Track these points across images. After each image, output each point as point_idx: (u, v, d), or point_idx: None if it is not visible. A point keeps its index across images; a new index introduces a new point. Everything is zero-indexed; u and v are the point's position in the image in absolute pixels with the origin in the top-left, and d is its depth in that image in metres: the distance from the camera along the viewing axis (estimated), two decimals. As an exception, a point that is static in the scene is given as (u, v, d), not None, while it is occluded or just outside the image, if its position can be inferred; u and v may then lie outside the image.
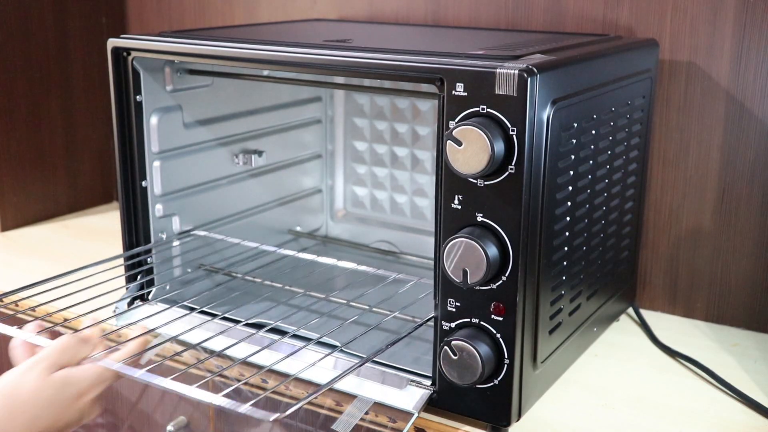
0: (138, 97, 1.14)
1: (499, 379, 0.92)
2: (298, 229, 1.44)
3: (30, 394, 0.79)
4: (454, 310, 0.93)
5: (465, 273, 0.89)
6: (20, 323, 1.30)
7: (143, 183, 1.17)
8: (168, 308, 1.18)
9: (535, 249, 0.90)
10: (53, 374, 0.82)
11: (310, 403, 1.05)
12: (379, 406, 0.98)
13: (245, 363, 1.10)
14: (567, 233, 0.98)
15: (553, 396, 1.04)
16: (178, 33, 1.18)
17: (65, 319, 1.25)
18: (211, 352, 1.12)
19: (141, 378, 0.87)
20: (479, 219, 0.89)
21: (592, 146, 1.01)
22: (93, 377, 0.86)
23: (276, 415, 0.78)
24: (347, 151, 1.51)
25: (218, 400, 0.84)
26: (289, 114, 1.42)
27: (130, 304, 1.19)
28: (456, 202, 0.90)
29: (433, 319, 0.96)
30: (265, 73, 1.27)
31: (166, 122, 1.19)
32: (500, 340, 0.91)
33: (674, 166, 1.25)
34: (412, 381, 0.98)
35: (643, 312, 1.28)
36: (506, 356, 0.91)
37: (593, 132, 1.00)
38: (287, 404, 1.07)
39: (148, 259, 1.20)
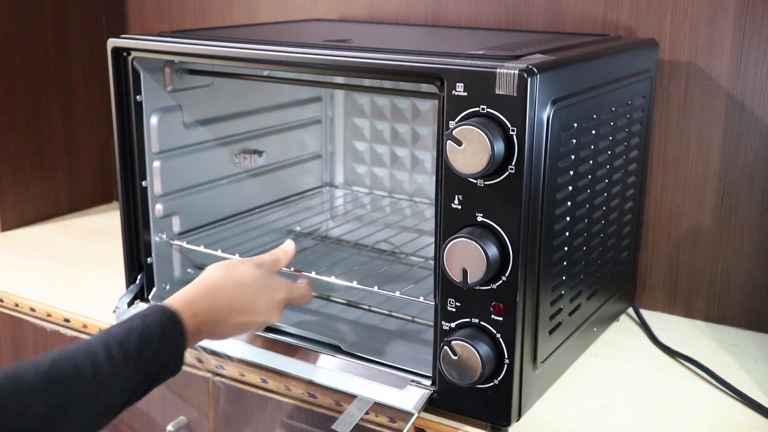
0: (138, 97, 1.14)
1: (499, 379, 0.92)
2: (298, 229, 1.44)
3: (242, 275, 0.99)
4: (454, 310, 0.93)
5: (465, 273, 0.89)
6: (21, 323, 1.31)
7: (143, 183, 1.17)
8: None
9: (535, 249, 0.90)
10: (259, 268, 1.02)
11: (309, 403, 1.05)
12: (379, 406, 0.98)
13: (245, 363, 1.10)
14: (567, 233, 0.98)
15: (553, 396, 1.04)
16: (178, 33, 1.18)
17: (66, 319, 1.25)
18: (212, 352, 1.12)
19: (332, 281, 1.12)
20: (479, 219, 0.89)
21: (592, 146, 1.01)
22: (286, 281, 1.05)
23: None
24: (347, 151, 1.51)
25: None
26: (289, 114, 1.42)
27: (130, 303, 1.19)
28: (456, 202, 0.90)
29: (433, 319, 0.96)
30: (265, 73, 1.27)
31: (166, 122, 1.19)
32: (500, 340, 0.91)
33: (674, 166, 1.25)
34: (412, 381, 0.98)
35: (643, 312, 1.28)
36: (506, 356, 0.91)
37: (593, 132, 1.00)
38: (288, 404, 1.07)
39: (148, 259, 1.20)
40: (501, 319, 0.90)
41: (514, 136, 0.85)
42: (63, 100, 1.66)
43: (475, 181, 0.88)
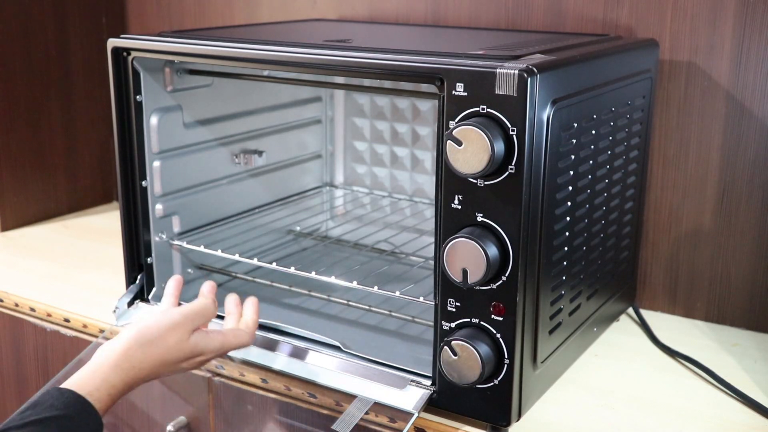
0: (138, 97, 1.14)
1: (499, 379, 0.92)
2: (298, 229, 1.44)
3: (167, 350, 0.90)
4: (454, 310, 0.93)
5: (465, 273, 0.89)
6: (21, 323, 1.31)
7: (143, 183, 1.17)
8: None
9: (535, 249, 0.90)
10: (190, 339, 0.93)
11: (309, 403, 1.05)
12: (379, 406, 0.98)
13: (245, 363, 1.10)
14: (567, 233, 0.98)
15: (553, 396, 1.04)
16: (178, 33, 1.18)
17: (66, 319, 1.25)
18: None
19: (332, 281, 1.11)
20: (479, 219, 0.89)
21: (592, 146, 1.01)
22: (217, 351, 0.95)
23: None
24: (347, 151, 1.51)
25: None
26: (289, 114, 1.42)
27: (130, 303, 1.19)
28: (456, 202, 0.90)
29: (433, 319, 0.96)
30: (265, 73, 1.27)
31: (166, 122, 1.19)
32: (500, 340, 0.91)
33: (674, 166, 1.25)
34: (412, 381, 0.98)
35: (643, 312, 1.28)
36: (506, 356, 0.91)
37: (593, 132, 1.00)
38: (288, 404, 1.07)
39: (148, 259, 1.20)
40: (501, 319, 0.90)
41: (514, 136, 0.85)
42: (63, 101, 1.66)
43: (475, 181, 0.88)
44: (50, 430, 0.78)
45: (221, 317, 1.05)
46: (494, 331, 0.91)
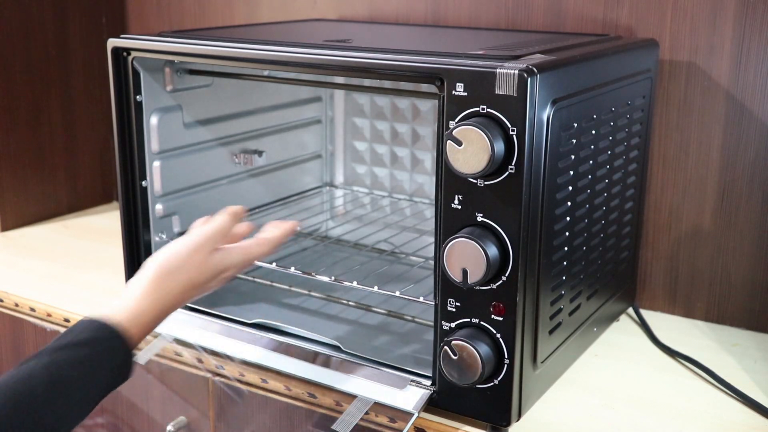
0: (138, 97, 1.14)
1: (499, 379, 0.92)
2: (298, 229, 1.44)
3: (191, 273, 0.92)
4: (454, 310, 0.93)
5: (465, 273, 0.89)
6: (21, 323, 1.31)
7: (143, 183, 1.17)
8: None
9: (535, 249, 0.90)
10: (212, 258, 0.94)
11: (309, 403, 1.05)
12: (379, 406, 0.98)
13: (245, 363, 1.10)
14: (567, 233, 0.98)
15: (553, 396, 1.04)
16: (178, 33, 1.18)
17: (66, 319, 1.26)
18: (212, 352, 1.12)
19: (332, 281, 1.12)
20: (479, 219, 0.89)
21: (592, 146, 1.01)
22: (240, 264, 0.97)
23: None
24: (347, 151, 1.51)
25: None
26: (289, 114, 1.42)
27: (130, 304, 1.19)
28: (456, 202, 0.90)
29: (433, 319, 0.96)
30: (265, 73, 1.27)
31: (166, 122, 1.19)
32: (500, 340, 0.91)
33: (674, 166, 1.25)
34: (412, 381, 0.98)
35: (643, 312, 1.28)
36: (506, 356, 0.91)
37: (593, 132, 1.00)
38: (288, 404, 1.07)
39: (148, 259, 1.20)
40: (501, 319, 0.90)
41: (514, 136, 0.85)
42: (63, 100, 1.66)
43: (475, 181, 0.88)
44: (80, 355, 0.79)
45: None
46: (494, 331, 0.91)
